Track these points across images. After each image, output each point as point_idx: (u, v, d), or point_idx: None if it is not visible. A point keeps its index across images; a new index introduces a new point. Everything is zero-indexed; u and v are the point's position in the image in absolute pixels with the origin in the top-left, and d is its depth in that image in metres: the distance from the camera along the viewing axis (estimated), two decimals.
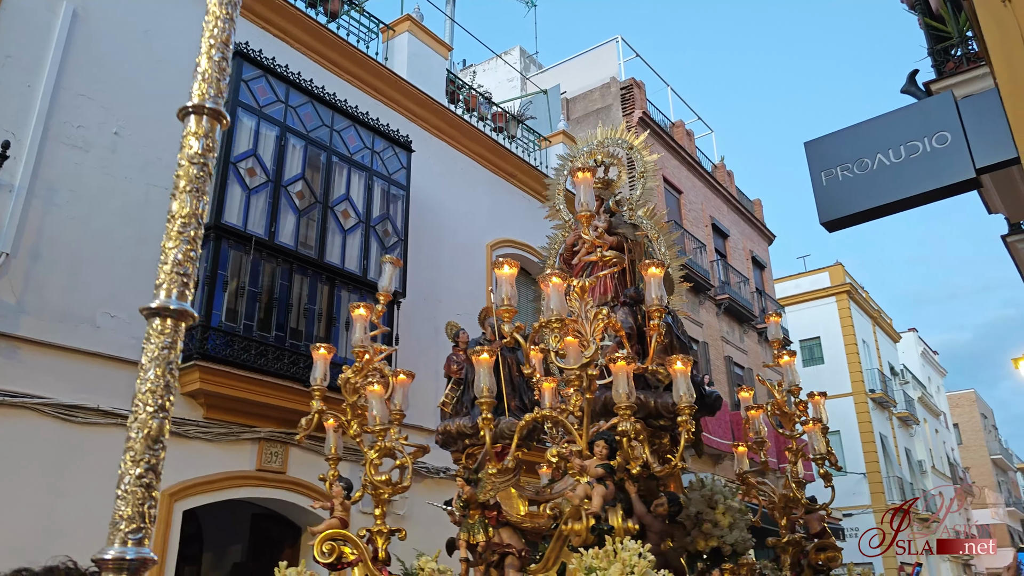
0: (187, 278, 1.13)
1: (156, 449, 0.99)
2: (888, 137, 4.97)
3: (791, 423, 6.28)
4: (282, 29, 9.22)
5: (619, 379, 4.41)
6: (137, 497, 0.96)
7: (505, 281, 4.48)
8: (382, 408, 5.21)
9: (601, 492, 4.26)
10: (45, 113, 6.85)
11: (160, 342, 1.06)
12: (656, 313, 4.75)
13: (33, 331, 6.37)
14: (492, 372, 4.58)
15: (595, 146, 6.72)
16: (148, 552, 0.93)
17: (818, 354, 27.34)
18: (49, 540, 6.06)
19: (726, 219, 21.34)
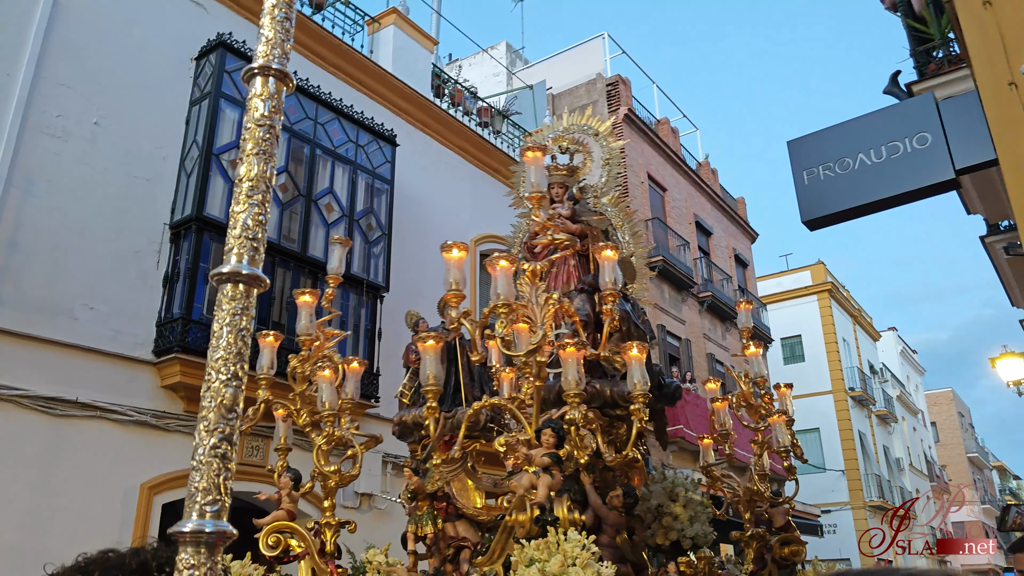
0: (257, 243, 1.08)
1: (230, 419, 0.95)
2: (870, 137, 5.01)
3: (757, 415, 6.22)
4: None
5: (568, 365, 4.27)
6: (213, 468, 0.92)
7: (453, 265, 4.35)
8: (332, 394, 5.04)
9: (547, 482, 4.12)
10: (24, 102, 6.76)
11: (232, 308, 1.02)
12: (610, 298, 4.65)
13: (10, 322, 6.29)
14: (439, 360, 4.44)
15: (560, 132, 6.55)
16: (226, 525, 0.91)
17: (799, 352, 27.55)
18: (30, 530, 6.00)
19: (710, 217, 21.43)
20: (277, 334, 5.52)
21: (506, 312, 4.18)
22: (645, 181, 18.37)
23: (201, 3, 8.58)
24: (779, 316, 26.30)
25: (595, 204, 6.37)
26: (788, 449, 6.05)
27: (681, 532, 4.85)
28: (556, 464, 4.18)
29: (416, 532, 5.13)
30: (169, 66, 8.11)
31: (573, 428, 4.29)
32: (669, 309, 17.58)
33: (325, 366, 5.13)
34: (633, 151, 18.17)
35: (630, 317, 5.29)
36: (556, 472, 4.17)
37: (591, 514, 4.50)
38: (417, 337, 4.58)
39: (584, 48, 20.60)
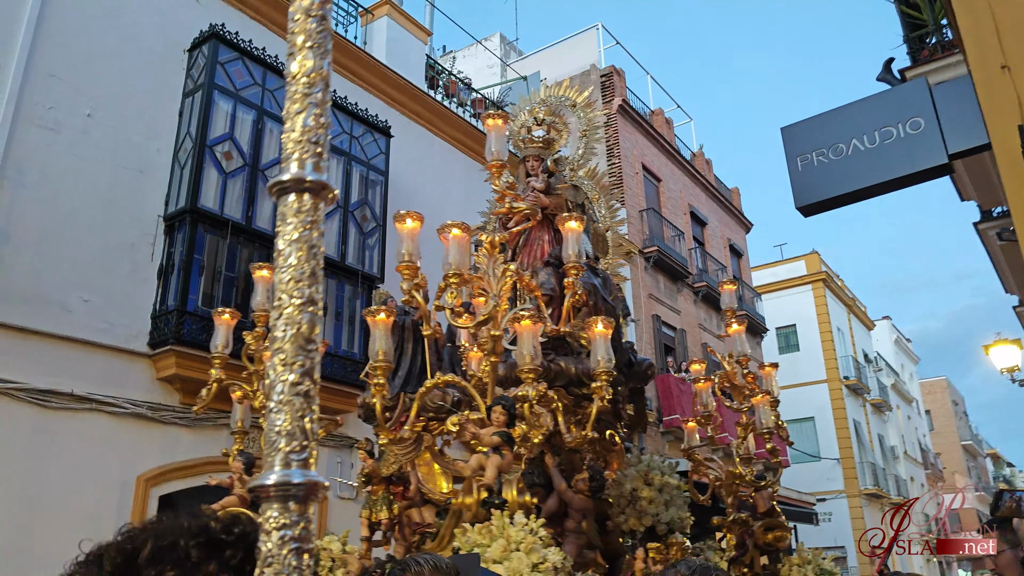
0: (320, 147, 0.90)
1: (310, 350, 0.82)
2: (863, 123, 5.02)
3: (741, 396, 5.99)
4: (258, 10, 9.11)
5: (524, 339, 4.01)
6: (295, 408, 0.79)
7: (407, 236, 4.17)
8: None
9: (496, 463, 3.88)
10: (16, 94, 6.72)
11: (299, 220, 0.88)
12: (573, 270, 4.44)
13: (4, 315, 6.27)
14: (389, 335, 4.20)
15: (536, 103, 6.35)
16: (316, 475, 0.77)
17: (794, 341, 27.62)
18: (26, 524, 6.00)
19: (704, 207, 21.45)
20: (233, 311, 5.34)
21: (457, 283, 4.01)
22: (640, 172, 18.37)
23: None
24: (774, 306, 26.36)
25: (572, 177, 6.16)
26: (772, 431, 5.83)
27: (656, 517, 4.67)
28: (507, 444, 3.95)
29: (370, 518, 4.91)
30: (162, 57, 8.07)
31: (527, 406, 4.02)
32: (664, 299, 17.61)
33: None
34: (627, 142, 18.17)
35: (598, 291, 5.08)
36: (507, 452, 3.95)
37: (556, 498, 4.32)
38: (367, 311, 4.32)
39: (578, 39, 20.56)
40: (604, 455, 5.28)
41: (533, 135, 6.04)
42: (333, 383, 8.02)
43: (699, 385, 6.24)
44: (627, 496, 4.73)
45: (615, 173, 17.58)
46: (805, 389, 25.90)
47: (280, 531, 0.75)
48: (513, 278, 4.33)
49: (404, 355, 5.25)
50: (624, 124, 18.23)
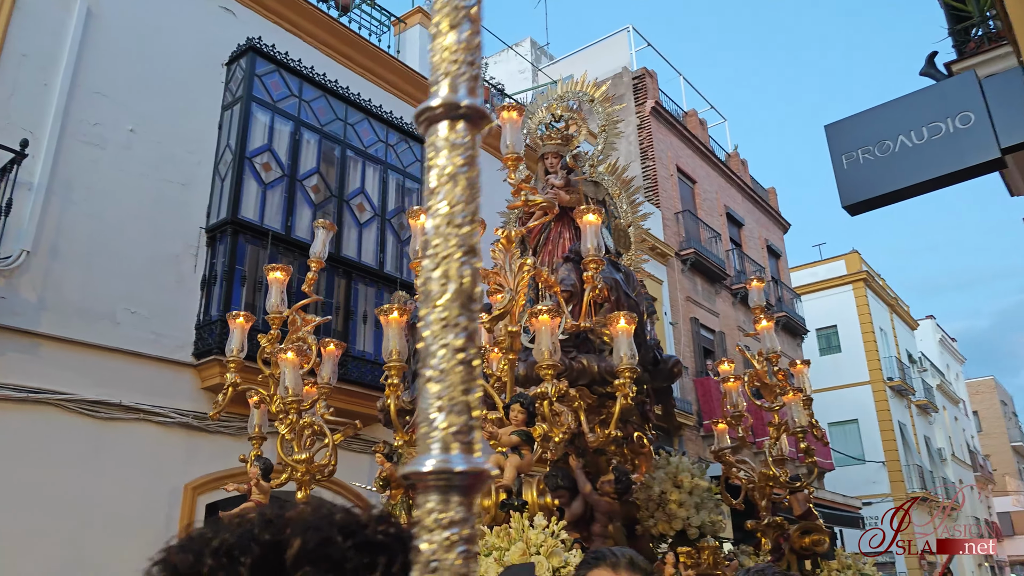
0: (475, 69, 0.72)
1: (472, 310, 0.66)
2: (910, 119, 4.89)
3: (772, 394, 5.78)
4: (294, 24, 9.21)
5: (542, 335, 3.88)
6: (458, 378, 0.63)
7: (420, 233, 3.97)
8: (296, 378, 4.69)
9: (515, 463, 3.74)
10: (62, 111, 6.88)
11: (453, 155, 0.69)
12: (592, 265, 4.28)
13: (54, 327, 6.41)
14: (403, 334, 4.11)
15: (554, 100, 6.21)
16: (482, 462, 0.62)
17: (835, 343, 27.13)
18: (77, 532, 6.11)
19: (740, 208, 21.20)
20: (248, 315, 5.24)
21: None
22: (674, 174, 18.22)
23: (230, 9, 8.66)
24: (814, 307, 25.94)
25: (591, 173, 6.04)
26: (805, 430, 5.58)
27: (686, 520, 4.49)
28: (526, 443, 3.79)
29: None
30: (201, 72, 8.20)
31: (546, 404, 3.85)
32: (702, 302, 17.43)
33: (288, 348, 4.77)
34: (661, 144, 18.03)
35: (620, 287, 4.96)
36: (526, 452, 3.79)
37: (581, 501, 4.18)
38: (379, 310, 4.20)
39: (609, 42, 20.48)
40: (632, 457, 5.13)
41: (551, 131, 5.94)
42: (360, 386, 8.02)
43: (728, 384, 6.05)
44: (656, 499, 4.59)
45: (649, 175, 17.46)
46: (848, 391, 25.43)
47: (446, 530, 0.61)
48: (530, 273, 4.24)
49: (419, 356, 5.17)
50: (657, 126, 18.10)
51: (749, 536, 6.19)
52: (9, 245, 6.24)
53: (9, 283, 6.21)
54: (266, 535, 0.76)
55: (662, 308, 15.92)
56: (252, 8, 8.87)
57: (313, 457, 4.80)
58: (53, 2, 7.13)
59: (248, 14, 8.80)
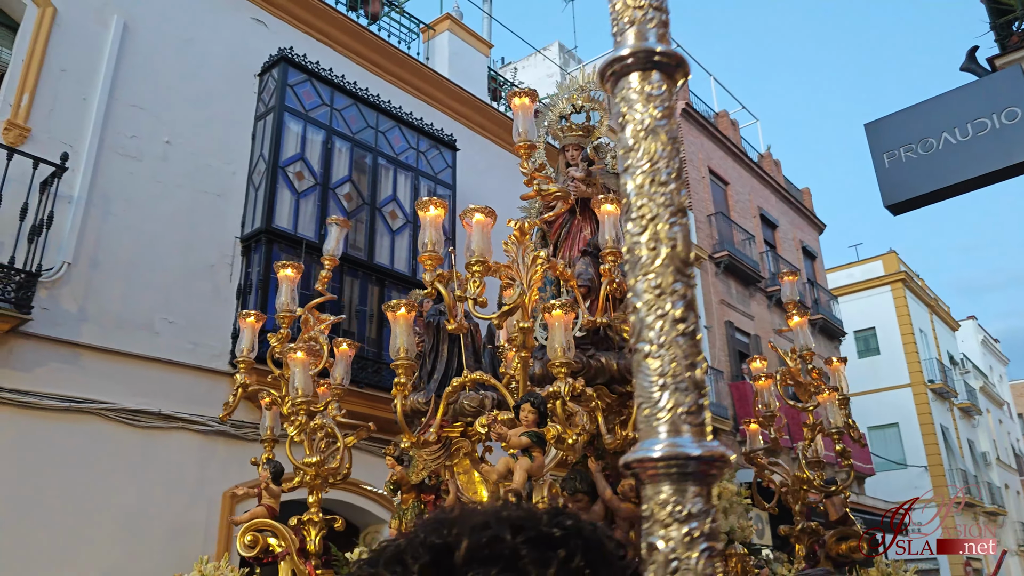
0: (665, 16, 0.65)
1: (688, 275, 0.60)
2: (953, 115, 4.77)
3: (806, 394, 5.53)
4: (325, 33, 9.28)
5: (555, 331, 3.71)
6: (680, 351, 0.55)
7: (429, 225, 3.93)
8: (305, 378, 4.56)
9: (525, 466, 3.56)
10: (100, 124, 6.99)
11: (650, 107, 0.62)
12: (610, 257, 4.11)
13: (94, 338, 6.51)
14: (411, 331, 3.98)
15: (575, 91, 5.92)
16: (717, 445, 0.55)
17: (873, 345, 26.64)
18: (120, 540, 6.18)
19: (774, 209, 20.93)
20: (259, 314, 5.14)
21: (481, 271, 3.73)
22: (706, 175, 18.05)
23: (262, 20, 8.75)
24: (851, 308, 25.50)
25: (613, 165, 5.75)
26: (841, 431, 5.32)
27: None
28: (538, 445, 3.62)
29: (400, 528, 4.51)
30: (234, 83, 8.29)
31: (559, 403, 3.65)
32: (736, 305, 17.22)
33: (299, 347, 4.64)
34: (692, 145, 17.88)
35: None
36: (538, 454, 3.63)
37: (601, 506, 4.01)
38: (386, 305, 4.07)
39: None
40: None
41: (571, 123, 5.67)
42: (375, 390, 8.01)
43: (759, 383, 5.81)
44: None
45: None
46: (887, 394, 24.95)
47: (684, 524, 0.52)
48: (545, 266, 4.07)
49: (440, 357, 5.04)
50: (688, 128, 17.95)
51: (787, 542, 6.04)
52: (51, 257, 6.35)
53: (51, 294, 6.31)
54: (434, 538, 0.76)
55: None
56: (283, 19, 8.95)
57: (325, 460, 4.66)
58: (91, 18, 7.26)
59: (280, 25, 8.89)
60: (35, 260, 6.09)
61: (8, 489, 5.79)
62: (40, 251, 6.15)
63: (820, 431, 5.58)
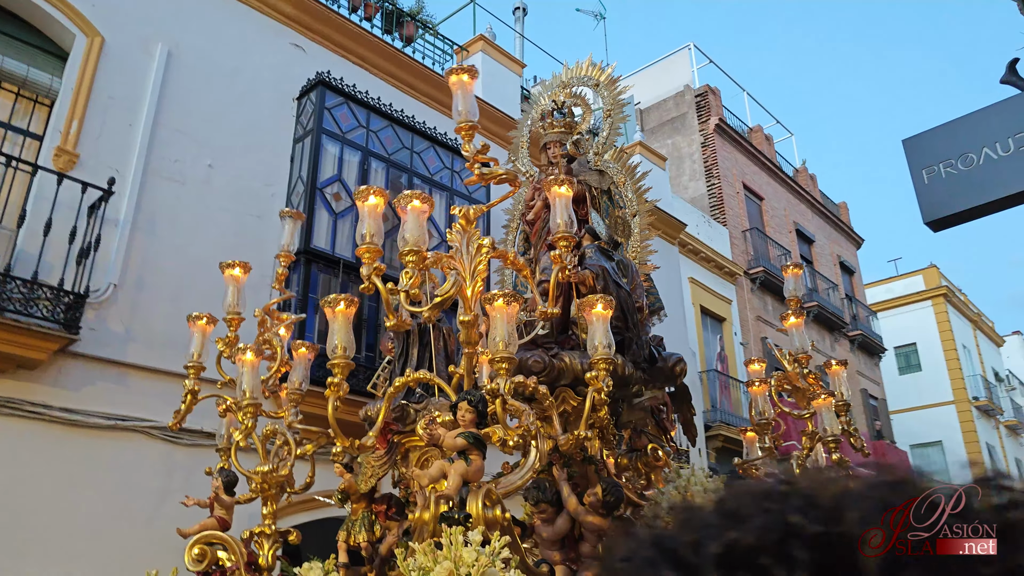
0: None
1: None
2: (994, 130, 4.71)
3: (804, 399, 5.26)
4: (361, 56, 9.45)
5: (496, 324, 3.38)
6: None
7: (369, 215, 3.69)
8: (254, 381, 4.27)
9: (460, 470, 3.28)
10: (145, 149, 7.20)
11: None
12: (562, 243, 3.78)
13: (140, 358, 6.66)
14: (350, 327, 3.71)
15: (557, 87, 5.83)
16: None
17: (915, 361, 26.11)
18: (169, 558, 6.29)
19: (811, 224, 20.70)
20: (210, 316, 4.89)
21: (415, 261, 3.49)
22: (740, 191, 17.94)
23: (300, 45, 8.95)
24: (891, 324, 25.05)
25: (596, 162, 5.63)
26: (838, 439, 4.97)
27: None
28: (476, 447, 3.34)
29: (348, 541, 4.30)
30: (273, 107, 8.48)
31: (499, 402, 3.30)
32: (773, 321, 17.02)
33: (248, 348, 4.38)
34: (726, 161, 17.80)
35: (607, 274, 4.45)
36: (475, 457, 3.33)
37: (566, 517, 3.69)
38: (324, 300, 3.78)
39: (670, 60, 20.39)
40: (646, 471, 4.70)
41: (552, 119, 5.57)
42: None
43: (754, 389, 5.53)
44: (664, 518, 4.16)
45: (715, 193, 17.23)
46: (931, 411, 24.41)
47: None
48: (490, 255, 3.76)
49: (409, 361, 4.82)
50: (722, 143, 17.88)
51: None
52: (98, 279, 6.53)
53: (98, 315, 6.49)
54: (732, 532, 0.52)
55: (731, 328, 15.61)
56: (321, 44, 9.14)
57: (277, 468, 4.33)
58: (137, 47, 7.49)
59: (317, 49, 9.08)
60: (83, 282, 6.27)
61: (57, 504, 5.94)
62: (88, 273, 6.34)
63: (820, 439, 5.32)
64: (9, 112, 6.99)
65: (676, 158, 18.00)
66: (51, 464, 6.05)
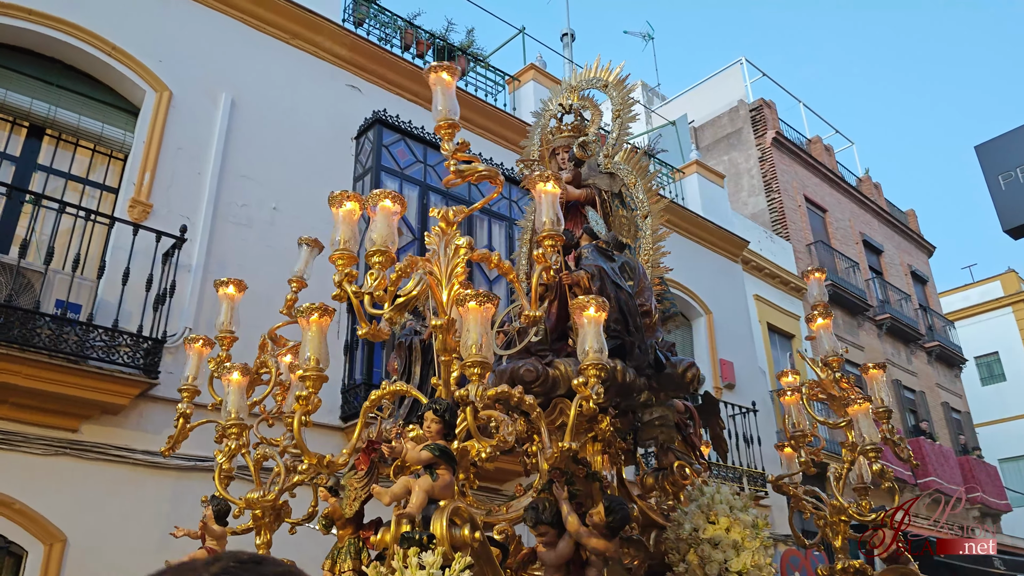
0: None
1: None
2: None
3: (841, 408, 4.80)
4: (415, 93, 9.63)
5: (468, 326, 3.15)
6: None
7: (343, 221, 3.55)
8: (239, 401, 4.05)
9: (425, 486, 2.99)
10: (214, 196, 7.45)
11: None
12: (547, 241, 3.56)
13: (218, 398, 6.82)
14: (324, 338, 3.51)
15: (567, 90, 5.65)
16: None
17: (998, 371, 24.97)
18: None
19: (878, 234, 20.12)
20: (207, 339, 4.71)
21: (383, 262, 3.30)
22: (802, 204, 17.57)
23: (356, 86, 9.17)
24: (970, 333, 24.06)
25: (607, 164, 5.42)
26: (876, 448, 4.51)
27: (724, 566, 3.59)
28: (444, 460, 3.06)
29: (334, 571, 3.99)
30: (333, 147, 8.69)
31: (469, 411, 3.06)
32: (844, 336, 16.53)
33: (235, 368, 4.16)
34: (786, 174, 17.48)
35: (605, 275, 4.18)
36: (443, 472, 3.04)
37: (569, 540, 3.36)
38: (297, 311, 3.60)
39: (722, 76, 20.22)
40: (674, 491, 4.38)
41: (561, 124, 5.39)
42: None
43: (786, 400, 5.15)
44: (686, 540, 3.72)
45: (775, 208, 16.92)
46: (1019, 423, 23.25)
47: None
48: (468, 256, 3.56)
49: (412, 379, 4.61)
50: (780, 156, 17.58)
51: None
52: (174, 323, 6.75)
53: (176, 359, 6.69)
54: None
55: (800, 345, 15.22)
56: (376, 83, 9.35)
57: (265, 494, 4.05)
58: (202, 97, 7.79)
59: (372, 89, 9.29)
60: (160, 327, 6.49)
61: (145, 544, 6.10)
62: (164, 319, 6.56)
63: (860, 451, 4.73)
64: (87, 168, 7.34)
65: (734, 174, 17.76)
66: (138, 505, 6.23)
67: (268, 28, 8.62)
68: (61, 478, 6.05)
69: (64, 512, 6.00)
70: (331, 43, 9.04)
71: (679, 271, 13.55)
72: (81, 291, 6.32)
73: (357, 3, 9.88)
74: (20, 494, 5.87)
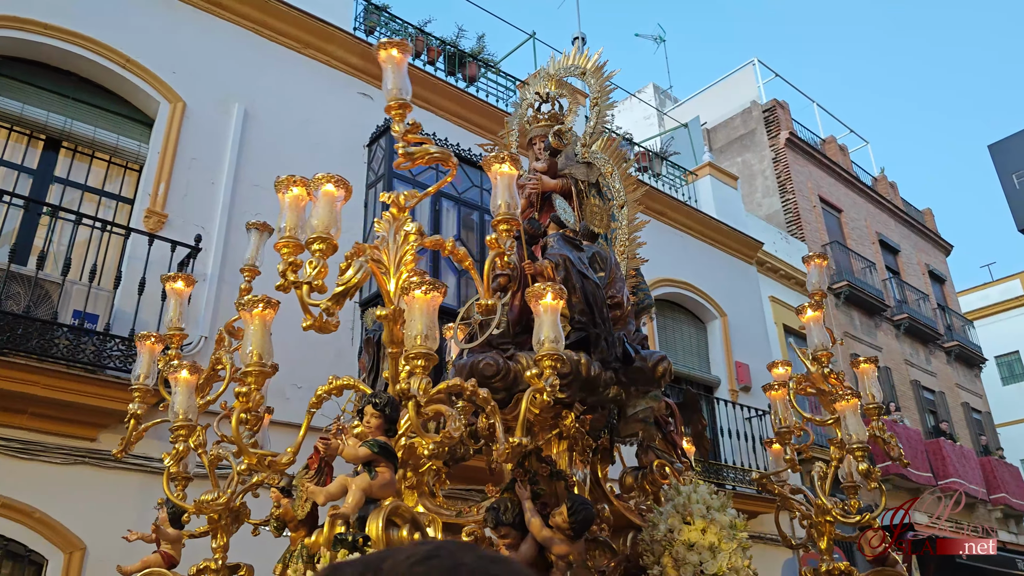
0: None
1: None
2: None
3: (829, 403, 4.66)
4: (426, 99, 9.67)
5: (413, 316, 2.97)
6: None
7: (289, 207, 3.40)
8: (187, 400, 3.86)
9: (362, 485, 2.84)
10: (228, 206, 7.51)
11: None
12: (503, 226, 3.39)
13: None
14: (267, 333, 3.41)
15: (543, 80, 5.52)
16: None
17: (1019, 370, 24.66)
18: None
19: (894, 234, 19.95)
20: (159, 336, 4.50)
21: (324, 249, 3.17)
22: (817, 205, 17.47)
23: (368, 94, 9.22)
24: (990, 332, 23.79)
25: (584, 154, 5.28)
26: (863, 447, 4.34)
27: (700, 568, 3.45)
28: (384, 457, 2.91)
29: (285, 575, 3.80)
30: (345, 155, 8.74)
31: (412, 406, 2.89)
32: (862, 336, 16.40)
33: (183, 366, 3.93)
34: (800, 175, 17.38)
35: (571, 264, 4.06)
36: (382, 470, 2.88)
37: (532, 544, 3.22)
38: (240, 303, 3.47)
39: (735, 77, 20.16)
40: (653, 491, 4.28)
41: (538, 114, 5.27)
42: None
43: (773, 395, 5.02)
44: (661, 541, 3.59)
45: (790, 209, 16.82)
46: None
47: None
48: (418, 243, 3.43)
49: (379, 376, 4.48)
50: (794, 157, 17.49)
51: None
52: (189, 332, 6.78)
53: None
54: None
55: None
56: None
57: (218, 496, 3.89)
58: (216, 108, 7.87)
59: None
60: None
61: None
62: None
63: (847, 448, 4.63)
64: (103, 179, 7.42)
65: (747, 176, 17.68)
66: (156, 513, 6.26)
67: (280, 38, 8.69)
68: (80, 487, 6.12)
69: (83, 520, 6.06)
70: (342, 52, 9.10)
71: (694, 274, 13.53)
72: (98, 301, 6.39)
73: (368, 12, 9.93)
74: (40, 503, 5.93)
